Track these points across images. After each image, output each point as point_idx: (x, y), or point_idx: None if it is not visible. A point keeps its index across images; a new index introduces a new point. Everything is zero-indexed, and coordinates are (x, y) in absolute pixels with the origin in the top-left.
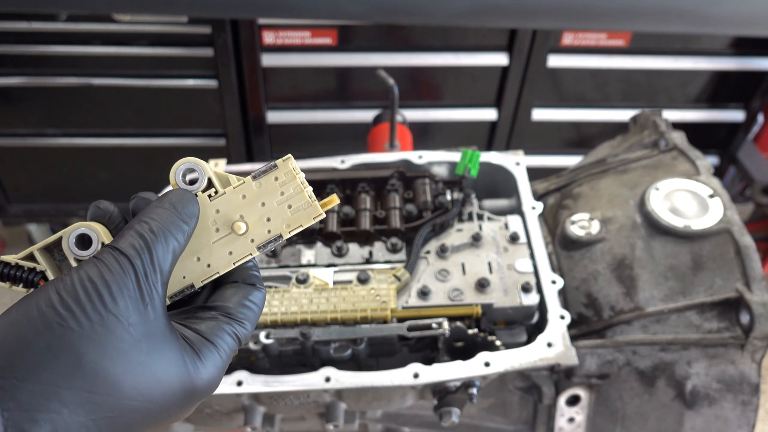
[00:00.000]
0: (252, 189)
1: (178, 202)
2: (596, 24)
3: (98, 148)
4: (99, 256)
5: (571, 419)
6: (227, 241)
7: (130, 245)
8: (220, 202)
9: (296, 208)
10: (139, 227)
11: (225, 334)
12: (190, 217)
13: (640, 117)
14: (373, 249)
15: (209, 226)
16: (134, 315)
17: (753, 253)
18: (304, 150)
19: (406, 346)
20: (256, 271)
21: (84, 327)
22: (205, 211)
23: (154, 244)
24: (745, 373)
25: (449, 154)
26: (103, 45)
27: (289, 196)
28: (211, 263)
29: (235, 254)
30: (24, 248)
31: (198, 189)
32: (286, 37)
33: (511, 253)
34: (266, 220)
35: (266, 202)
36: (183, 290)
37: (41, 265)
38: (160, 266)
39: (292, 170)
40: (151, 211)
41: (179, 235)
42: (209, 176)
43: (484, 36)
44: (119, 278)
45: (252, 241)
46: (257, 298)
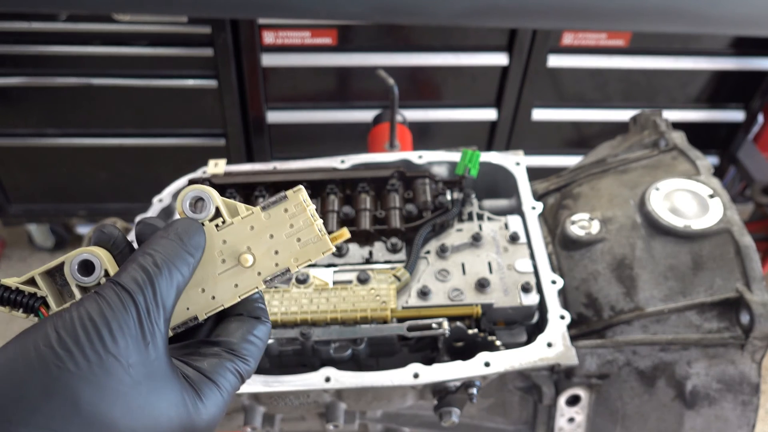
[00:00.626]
0: (261, 220)
1: (184, 232)
2: (596, 24)
3: (98, 148)
4: (100, 291)
5: (571, 419)
6: (233, 273)
7: (132, 279)
8: (227, 232)
9: (305, 241)
10: (142, 260)
11: (227, 371)
12: (196, 249)
13: (640, 117)
14: (373, 249)
15: (215, 256)
16: (134, 355)
17: (753, 253)
18: (304, 150)
19: (406, 346)
20: (261, 303)
21: (82, 368)
22: (212, 241)
23: (157, 278)
24: (745, 373)
25: (449, 154)
26: (103, 45)
27: (298, 229)
28: (215, 295)
29: (241, 287)
30: (24, 248)
31: (205, 218)
32: (286, 37)
33: (511, 253)
34: (274, 253)
35: (275, 234)
36: (186, 322)
37: (42, 290)
38: (163, 302)
39: (302, 202)
40: (155, 243)
41: (184, 268)
42: (217, 205)
43: (484, 36)
44: (120, 316)
45: (259, 274)
46: (262, 332)
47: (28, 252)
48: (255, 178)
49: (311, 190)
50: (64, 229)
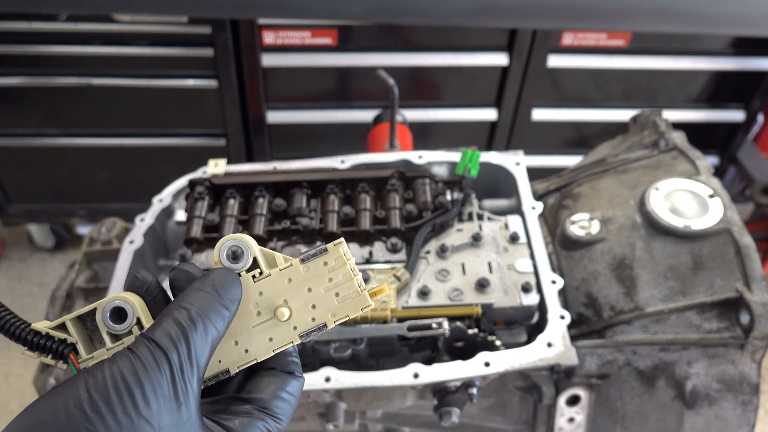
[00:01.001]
0: (299, 273)
1: (220, 285)
2: (596, 24)
3: (98, 148)
4: (134, 348)
5: (571, 419)
6: (268, 326)
7: (167, 336)
8: (264, 284)
9: (344, 296)
10: (177, 314)
11: (258, 431)
12: (232, 302)
13: (640, 117)
14: (373, 249)
15: (251, 309)
16: (167, 417)
17: (753, 253)
18: (304, 150)
19: (406, 346)
20: (295, 357)
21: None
22: (248, 292)
23: (192, 333)
24: (745, 373)
25: (449, 154)
26: (103, 45)
27: (337, 283)
28: (249, 348)
29: (276, 341)
30: (24, 248)
31: (242, 268)
32: (286, 37)
33: (511, 253)
34: (311, 307)
35: (313, 288)
36: (218, 375)
37: (72, 336)
38: (197, 360)
39: (342, 256)
40: (191, 296)
41: (219, 323)
42: (255, 255)
43: (484, 36)
44: (154, 376)
45: (294, 329)
46: (294, 388)
47: (28, 252)
48: (255, 178)
49: (311, 190)
50: (64, 229)
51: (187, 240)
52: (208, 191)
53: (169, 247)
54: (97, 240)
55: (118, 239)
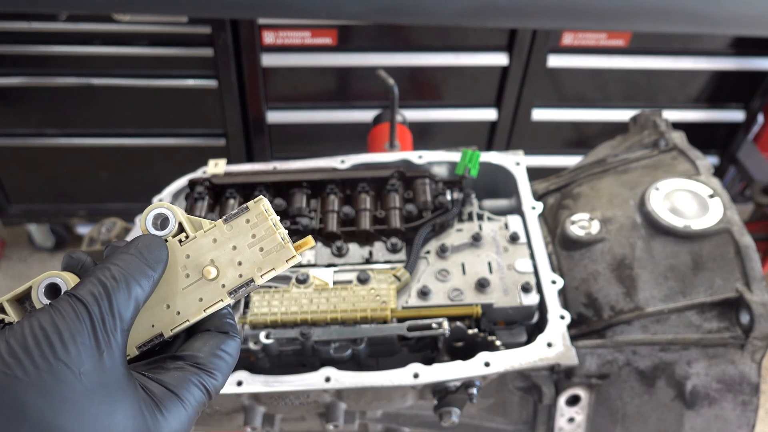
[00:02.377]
0: (223, 232)
1: (145, 247)
2: (596, 24)
3: (98, 148)
4: (54, 303)
5: (571, 419)
6: (197, 287)
7: (88, 292)
8: (190, 246)
9: (268, 250)
10: (100, 273)
11: (192, 385)
12: (157, 263)
13: (640, 117)
14: (373, 249)
15: (179, 271)
16: (88, 363)
17: (753, 253)
18: (304, 150)
19: (406, 346)
20: (230, 318)
21: (30, 375)
22: (175, 256)
23: (114, 291)
24: (745, 373)
25: (449, 154)
26: (103, 45)
27: (260, 238)
28: (181, 311)
29: (206, 300)
30: (24, 248)
31: (168, 234)
32: (286, 37)
33: (511, 253)
34: (237, 264)
35: (237, 245)
36: (152, 339)
37: (10, 316)
38: (120, 313)
39: (263, 212)
40: (115, 257)
41: (144, 281)
42: (180, 221)
43: (484, 36)
44: (72, 325)
45: (223, 286)
46: (231, 347)
47: (28, 252)
48: (255, 178)
49: (311, 190)
50: (64, 229)
51: None
52: (208, 191)
53: None
54: (97, 240)
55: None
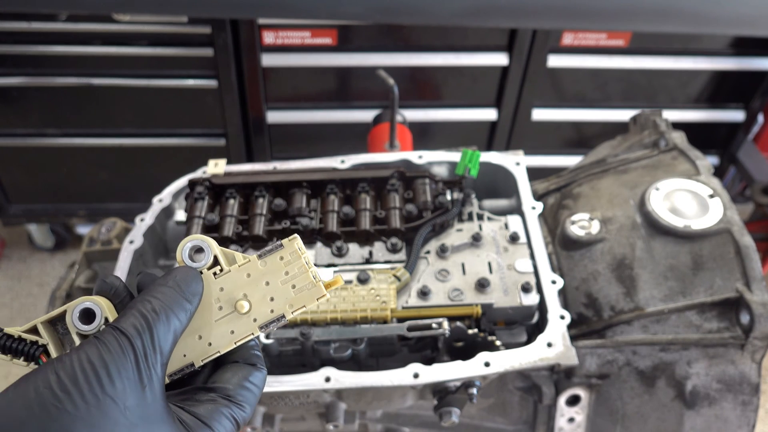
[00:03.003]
0: (257, 268)
1: (182, 280)
2: (596, 24)
3: (98, 148)
4: (100, 335)
5: (571, 419)
6: (230, 320)
7: (131, 325)
8: (224, 280)
9: (300, 287)
10: (141, 306)
11: (223, 417)
12: (194, 296)
13: (640, 117)
14: (373, 249)
15: (212, 303)
16: (132, 398)
17: (753, 253)
18: (304, 150)
19: (406, 346)
20: (257, 350)
21: (80, 409)
22: (209, 288)
23: (155, 323)
24: (745, 373)
25: (449, 154)
26: (103, 45)
27: (293, 276)
28: (212, 342)
29: (237, 333)
30: (24, 248)
31: (203, 266)
32: (286, 37)
33: (511, 253)
34: (269, 300)
35: (270, 281)
36: (183, 369)
37: (43, 338)
38: (160, 347)
39: (297, 250)
40: (154, 290)
41: (181, 315)
42: (215, 254)
43: (484, 36)
44: (118, 359)
45: (254, 321)
46: (258, 379)
47: (28, 252)
48: (255, 178)
49: (311, 190)
50: (64, 229)
51: None
52: (208, 191)
53: (169, 247)
54: (97, 240)
55: (118, 239)
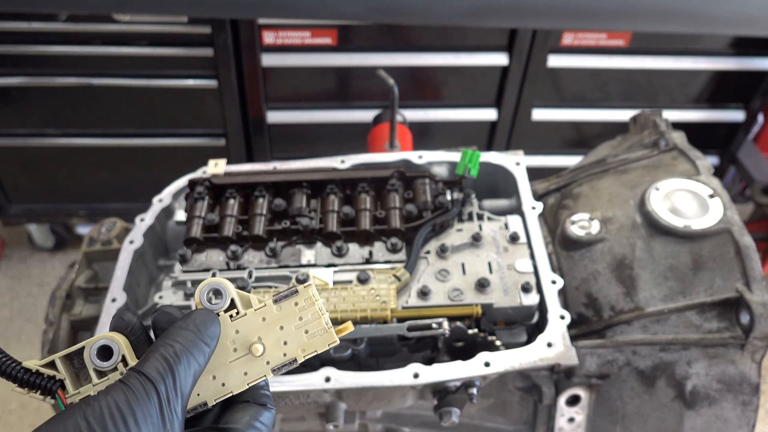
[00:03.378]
0: (272, 312)
1: (202, 323)
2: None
3: (98, 148)
4: (125, 380)
5: (571, 419)
6: (243, 362)
7: (155, 369)
8: (240, 323)
9: (313, 333)
10: (164, 350)
11: None
12: (212, 339)
13: (640, 117)
14: (373, 249)
15: (227, 345)
16: None
17: (753, 253)
18: (304, 150)
19: (406, 346)
20: (267, 390)
21: None
22: (225, 331)
23: (177, 367)
24: (745, 373)
25: (449, 154)
26: (103, 45)
27: (306, 322)
28: (225, 382)
29: (250, 375)
30: (24, 248)
31: (220, 309)
32: (286, 37)
33: (511, 253)
34: (283, 343)
35: (284, 326)
36: (196, 407)
37: (61, 373)
38: (181, 390)
39: (311, 296)
40: (175, 333)
41: (200, 358)
42: (232, 297)
43: (484, 36)
44: (144, 404)
45: (267, 363)
46: (266, 418)
47: (28, 252)
48: (255, 178)
49: (311, 190)
50: (64, 229)
51: (187, 240)
52: (208, 191)
53: (169, 247)
54: (97, 240)
55: (118, 239)
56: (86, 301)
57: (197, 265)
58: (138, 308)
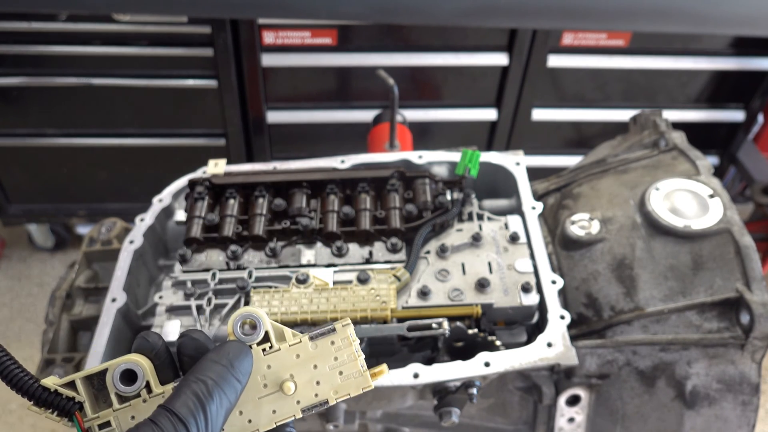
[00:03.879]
0: (307, 349)
1: (235, 357)
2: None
3: (98, 148)
4: (155, 418)
5: (571, 419)
6: (273, 399)
7: (186, 407)
8: (273, 358)
9: (347, 375)
10: (195, 387)
11: None
12: (245, 375)
13: (640, 117)
14: (373, 249)
15: (258, 380)
16: None
17: (753, 253)
18: (304, 150)
19: (406, 346)
20: (292, 428)
21: None
22: (257, 365)
23: (209, 405)
24: (745, 373)
25: (449, 154)
26: (103, 45)
27: (342, 362)
28: (252, 419)
29: (279, 413)
30: (24, 248)
31: (254, 341)
32: (286, 37)
33: (511, 253)
34: (315, 383)
35: (318, 365)
36: None
37: (80, 395)
38: (213, 430)
39: (349, 336)
40: (207, 368)
41: (232, 395)
42: (267, 329)
43: (484, 36)
44: None
45: (298, 403)
46: None
47: (28, 252)
48: (255, 178)
49: (311, 190)
50: (64, 229)
51: (187, 240)
52: (208, 191)
53: (169, 247)
54: (97, 240)
55: (118, 239)
56: (86, 301)
57: (197, 265)
58: (138, 308)
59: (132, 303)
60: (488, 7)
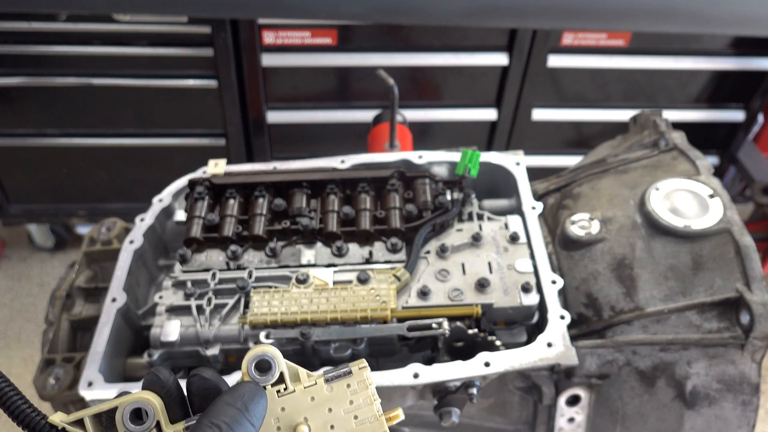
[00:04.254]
0: (322, 392)
1: (249, 399)
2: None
3: (98, 148)
4: None
5: (571, 419)
6: None
7: None
8: (287, 400)
9: (362, 419)
10: (209, 431)
11: None
12: (259, 419)
13: (640, 117)
14: (373, 249)
15: (272, 423)
16: None
17: (753, 253)
18: (304, 150)
19: (406, 346)
20: None
21: None
22: (271, 407)
23: None
24: (745, 373)
25: (449, 154)
26: (103, 45)
27: (357, 406)
28: None
29: None
30: (24, 248)
31: (269, 382)
32: (286, 37)
33: (511, 253)
34: (330, 427)
35: (333, 408)
36: None
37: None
38: None
39: (365, 379)
40: (221, 411)
41: None
42: (282, 370)
43: (484, 36)
44: None
45: None
46: None
47: (28, 252)
48: (255, 178)
49: (311, 190)
50: (64, 229)
51: (187, 240)
52: (208, 191)
53: (169, 247)
54: (97, 240)
55: (118, 239)
56: (86, 301)
57: (197, 265)
58: (138, 308)
59: (132, 303)
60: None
